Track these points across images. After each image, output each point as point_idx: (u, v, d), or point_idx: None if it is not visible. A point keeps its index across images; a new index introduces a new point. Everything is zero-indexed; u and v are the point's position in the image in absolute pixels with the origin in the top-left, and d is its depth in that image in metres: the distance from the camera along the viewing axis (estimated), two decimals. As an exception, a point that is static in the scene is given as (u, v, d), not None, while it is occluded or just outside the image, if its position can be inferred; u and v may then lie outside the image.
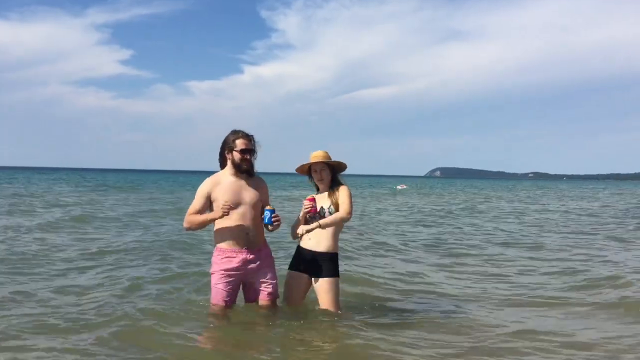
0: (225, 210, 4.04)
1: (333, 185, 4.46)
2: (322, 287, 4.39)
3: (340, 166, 4.51)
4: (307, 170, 4.54)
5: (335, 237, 4.45)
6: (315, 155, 4.45)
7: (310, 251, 4.41)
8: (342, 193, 4.38)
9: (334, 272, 4.41)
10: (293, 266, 4.52)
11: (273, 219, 4.13)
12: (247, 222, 4.19)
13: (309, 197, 4.40)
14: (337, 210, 4.34)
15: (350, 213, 4.30)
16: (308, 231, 4.29)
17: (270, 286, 4.33)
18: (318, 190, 4.56)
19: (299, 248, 4.52)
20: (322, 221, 4.29)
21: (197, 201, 4.21)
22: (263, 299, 4.33)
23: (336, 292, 4.45)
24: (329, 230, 4.36)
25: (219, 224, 4.22)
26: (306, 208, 4.32)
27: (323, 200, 4.43)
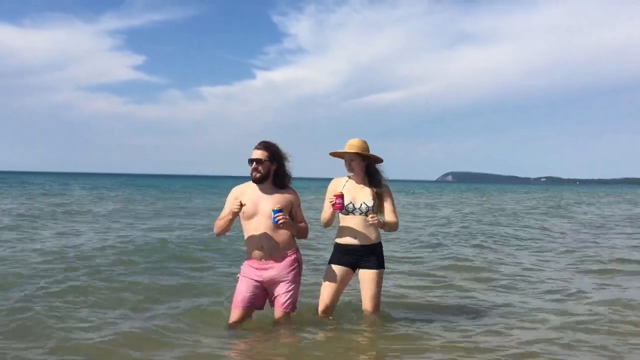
0: (235, 208, 4.05)
1: (372, 181, 4.36)
2: (368, 277, 4.36)
3: (375, 159, 4.38)
4: (342, 155, 4.44)
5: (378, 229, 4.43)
6: (350, 145, 4.33)
7: (357, 245, 4.34)
8: (389, 200, 4.36)
9: (380, 264, 4.39)
10: (337, 260, 4.42)
11: (277, 218, 4.04)
12: (262, 232, 4.18)
13: (337, 193, 4.24)
14: (379, 209, 4.31)
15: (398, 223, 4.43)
16: (373, 222, 4.16)
17: (285, 297, 4.24)
18: (349, 178, 4.47)
19: (341, 246, 4.41)
20: (386, 223, 4.28)
21: (225, 208, 4.25)
22: (277, 309, 4.29)
23: (380, 284, 4.41)
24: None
25: (245, 233, 4.29)
26: (330, 200, 4.22)
27: (358, 193, 4.35)
